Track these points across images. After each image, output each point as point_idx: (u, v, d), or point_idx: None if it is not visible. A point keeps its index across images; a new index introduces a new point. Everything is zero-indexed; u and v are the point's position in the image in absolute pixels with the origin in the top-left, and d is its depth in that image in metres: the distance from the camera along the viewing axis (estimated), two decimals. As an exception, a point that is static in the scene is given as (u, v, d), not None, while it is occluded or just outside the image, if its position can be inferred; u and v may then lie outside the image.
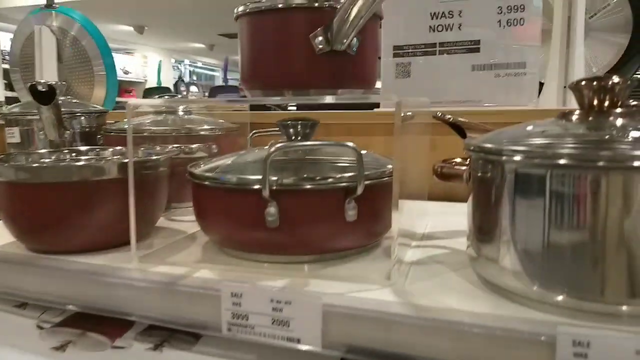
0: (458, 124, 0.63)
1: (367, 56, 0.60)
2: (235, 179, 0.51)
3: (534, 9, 0.85)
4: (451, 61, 0.91)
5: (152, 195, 0.63)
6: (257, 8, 0.58)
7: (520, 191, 0.41)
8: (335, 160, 0.60)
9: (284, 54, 0.57)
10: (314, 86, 0.57)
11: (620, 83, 0.44)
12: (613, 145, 0.40)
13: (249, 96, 0.62)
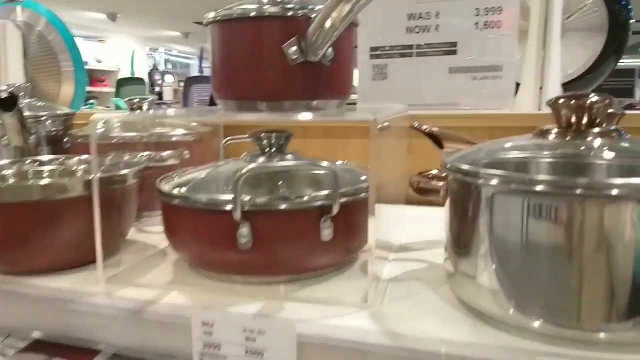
0: (435, 134, 0.62)
1: (342, 66, 0.58)
2: (206, 198, 0.49)
3: (512, 11, 0.84)
4: (428, 63, 0.89)
5: (120, 211, 0.60)
6: (228, 16, 0.55)
7: (496, 214, 0.40)
8: (311, 172, 0.58)
9: (257, 64, 0.55)
10: (288, 97, 0.56)
11: (598, 102, 0.43)
12: (590, 171, 0.40)
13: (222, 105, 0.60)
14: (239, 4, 0.57)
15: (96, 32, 7.91)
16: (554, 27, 0.94)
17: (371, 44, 0.92)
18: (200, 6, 5.45)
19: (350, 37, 0.59)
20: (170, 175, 0.60)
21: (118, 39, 8.48)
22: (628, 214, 0.35)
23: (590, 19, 1.00)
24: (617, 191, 0.34)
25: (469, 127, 0.87)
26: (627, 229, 0.35)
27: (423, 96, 0.91)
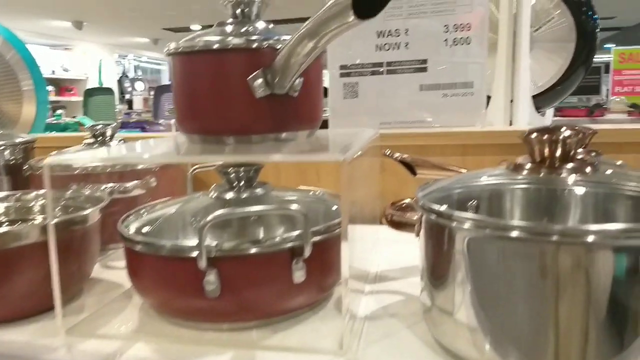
0: (407, 162, 0.61)
1: (312, 95, 0.56)
2: (170, 245, 0.46)
3: (481, 27, 0.84)
4: (399, 80, 0.88)
5: (81, 253, 0.57)
6: (189, 48, 0.53)
7: (470, 257, 0.39)
8: (281, 206, 0.56)
9: (222, 98, 0.53)
10: (256, 131, 0.54)
11: (571, 136, 0.42)
12: (565, 211, 0.39)
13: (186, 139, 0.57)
14: (202, 35, 0.54)
15: (62, 40, 7.73)
16: (523, 40, 0.94)
17: (341, 62, 0.91)
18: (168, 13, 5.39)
19: (319, 66, 0.57)
20: (133, 214, 0.58)
21: (85, 47, 8.30)
22: (603, 259, 0.34)
23: (557, 30, 1.00)
24: (592, 238, 0.33)
25: (442, 145, 0.87)
26: (602, 274, 0.34)
27: (394, 114, 0.90)
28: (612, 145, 0.77)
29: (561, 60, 1.00)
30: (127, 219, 0.57)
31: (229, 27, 0.56)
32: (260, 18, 0.58)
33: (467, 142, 0.84)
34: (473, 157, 0.85)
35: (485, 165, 0.85)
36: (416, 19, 0.85)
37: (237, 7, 0.57)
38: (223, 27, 0.56)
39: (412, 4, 0.85)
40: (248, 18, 0.57)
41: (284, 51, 0.48)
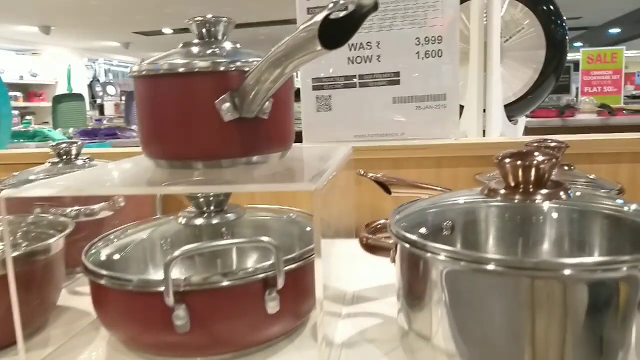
0: (381, 181, 0.60)
1: (282, 117, 0.55)
2: (136, 279, 0.44)
3: (452, 39, 0.84)
4: (372, 93, 0.88)
5: (44, 285, 0.55)
6: (154, 71, 0.51)
7: (445, 287, 0.38)
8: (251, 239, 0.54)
9: (188, 122, 0.51)
10: (225, 155, 0.52)
11: (544, 161, 0.42)
12: (540, 241, 0.38)
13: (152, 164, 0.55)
14: (167, 57, 0.53)
15: (30, 45, 7.55)
16: (494, 51, 0.95)
17: (313, 75, 0.90)
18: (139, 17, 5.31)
19: (289, 85, 0.56)
20: (98, 242, 0.55)
21: (54, 51, 8.11)
22: (578, 293, 0.33)
23: (527, 40, 1.01)
24: (568, 271, 0.33)
25: (417, 158, 0.86)
26: (578, 307, 0.34)
27: (368, 127, 0.89)
28: (584, 156, 0.77)
29: (532, 69, 1.01)
30: (92, 248, 0.54)
31: (195, 48, 0.54)
32: (227, 38, 0.56)
33: (442, 155, 0.84)
34: (448, 169, 0.85)
35: (460, 177, 0.86)
36: (387, 32, 0.85)
37: (203, 27, 0.55)
38: (189, 48, 0.54)
39: (382, 16, 0.84)
40: (215, 38, 0.55)
41: (252, 76, 0.46)
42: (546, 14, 1.00)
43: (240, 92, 0.49)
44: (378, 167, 0.89)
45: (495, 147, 0.83)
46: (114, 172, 0.58)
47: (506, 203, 0.42)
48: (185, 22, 0.57)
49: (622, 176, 0.77)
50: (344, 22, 0.37)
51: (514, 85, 1.02)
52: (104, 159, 0.93)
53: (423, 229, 0.48)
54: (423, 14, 0.83)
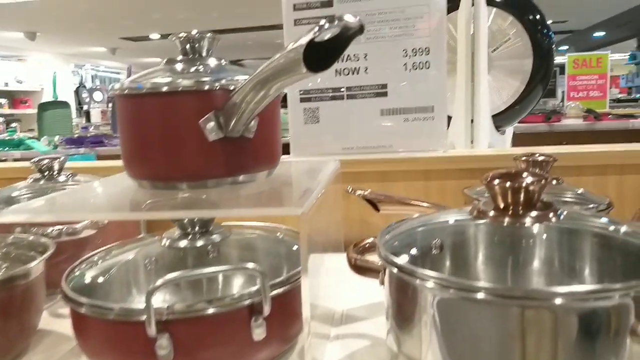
0: (369, 199, 0.59)
1: (269, 135, 0.54)
2: (117, 308, 0.43)
3: (440, 51, 0.83)
4: (360, 106, 0.87)
5: (23, 311, 0.53)
6: (136, 90, 0.50)
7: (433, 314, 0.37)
8: (237, 266, 0.53)
9: (172, 142, 0.50)
10: (210, 176, 0.51)
11: (533, 183, 0.41)
12: (530, 266, 0.38)
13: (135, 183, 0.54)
14: (149, 75, 0.51)
15: (15, 51, 7.47)
16: (481, 61, 0.95)
17: (301, 87, 0.89)
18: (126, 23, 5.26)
19: (276, 103, 0.55)
20: (79, 266, 0.54)
21: (40, 57, 8.03)
22: (570, 321, 0.33)
23: (514, 50, 1.01)
24: (559, 300, 0.32)
25: (405, 171, 0.86)
26: (568, 335, 0.33)
27: (356, 139, 0.88)
28: (572, 168, 0.77)
29: (519, 79, 1.01)
30: (73, 273, 0.53)
31: (179, 66, 0.53)
32: (211, 54, 0.55)
33: (430, 168, 0.84)
34: (436, 181, 0.85)
35: (448, 190, 0.85)
36: (374, 44, 0.84)
37: (187, 43, 0.54)
38: (172, 66, 0.53)
39: (369, 28, 0.83)
40: (199, 54, 0.54)
41: (236, 96, 0.45)
42: (532, 23, 1.00)
43: (225, 111, 0.48)
44: (366, 180, 0.88)
45: (483, 159, 0.83)
46: (95, 194, 0.56)
47: (495, 225, 0.42)
48: (169, 38, 0.56)
49: (610, 188, 0.77)
50: (329, 45, 0.36)
51: (501, 95, 1.02)
52: (88, 173, 0.91)
53: (413, 250, 0.47)
54: (410, 26, 0.82)
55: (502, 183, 0.41)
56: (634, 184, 0.77)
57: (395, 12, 0.82)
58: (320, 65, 0.36)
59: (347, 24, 0.34)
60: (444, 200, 0.84)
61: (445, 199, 0.84)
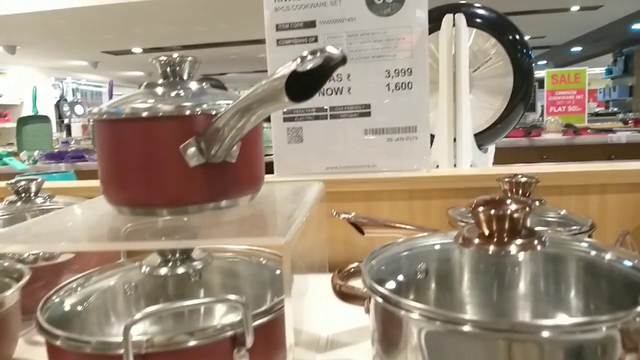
0: (354, 222, 0.59)
1: (251, 160, 0.53)
2: (95, 342, 0.42)
3: (422, 72, 0.84)
4: (343, 125, 0.87)
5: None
6: (115, 115, 0.49)
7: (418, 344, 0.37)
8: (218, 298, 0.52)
9: (152, 168, 0.49)
10: (191, 202, 0.50)
11: (518, 210, 0.41)
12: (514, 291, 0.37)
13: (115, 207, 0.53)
14: (129, 100, 0.51)
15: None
16: (462, 81, 0.95)
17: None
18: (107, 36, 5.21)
19: (259, 127, 0.54)
20: (56, 294, 0.52)
21: (20, 71, 7.94)
22: (555, 354, 0.32)
23: (495, 69, 1.02)
24: (545, 333, 0.32)
25: (389, 191, 0.85)
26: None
27: (340, 159, 0.88)
28: (554, 188, 0.78)
29: (500, 98, 1.02)
30: (48, 302, 0.51)
31: (159, 89, 0.52)
32: (192, 77, 0.55)
33: (414, 187, 0.83)
34: (420, 201, 0.85)
35: (432, 209, 0.85)
36: (358, 64, 0.84)
37: (167, 67, 0.53)
38: (152, 89, 0.52)
39: (352, 49, 0.84)
40: (180, 78, 0.54)
41: (218, 122, 0.45)
42: (512, 43, 1.02)
43: (207, 137, 0.47)
44: (350, 200, 0.88)
45: (466, 179, 0.83)
46: (73, 220, 0.55)
47: (481, 253, 0.41)
48: (150, 60, 0.55)
49: (592, 207, 0.78)
50: (312, 74, 0.36)
51: (483, 115, 1.03)
52: (67, 194, 0.89)
53: (398, 276, 0.46)
54: (392, 47, 0.83)
55: (487, 210, 0.41)
56: (616, 203, 0.78)
57: (377, 34, 0.83)
58: (302, 94, 0.36)
59: (330, 56, 0.34)
60: (429, 219, 0.84)
61: (430, 219, 0.84)
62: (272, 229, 0.49)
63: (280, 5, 0.85)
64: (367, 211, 0.87)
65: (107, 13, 4.28)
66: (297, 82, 0.36)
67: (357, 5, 0.83)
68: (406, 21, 0.82)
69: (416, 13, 0.81)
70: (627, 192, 0.77)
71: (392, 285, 0.46)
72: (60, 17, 4.42)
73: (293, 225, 0.42)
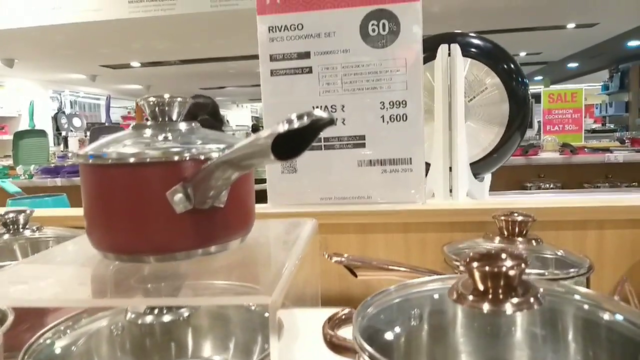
0: (347, 265, 0.58)
1: (241, 204, 0.52)
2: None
3: (416, 104, 0.83)
4: (338, 156, 0.86)
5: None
6: (102, 160, 0.48)
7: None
8: (211, 325, 0.51)
9: (138, 214, 0.47)
10: (179, 248, 0.49)
11: (513, 267, 0.40)
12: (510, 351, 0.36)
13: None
14: (115, 143, 0.49)
15: (-8, 77, 7.38)
16: (458, 111, 0.95)
17: (277, 137, 0.87)
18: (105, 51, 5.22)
19: (249, 172, 0.53)
20: (37, 342, 0.51)
21: (18, 83, 7.95)
22: None
23: (491, 98, 1.02)
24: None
25: (384, 224, 0.84)
26: None
27: (334, 189, 0.87)
28: (551, 223, 0.77)
29: (497, 127, 1.02)
30: (32, 346, 0.50)
31: (147, 132, 0.51)
32: (182, 118, 0.54)
33: (409, 221, 0.82)
34: (416, 234, 0.83)
35: (428, 242, 0.84)
36: (352, 95, 0.83)
37: (156, 107, 0.52)
38: (140, 131, 0.51)
39: (346, 80, 0.83)
40: (169, 119, 0.53)
41: (205, 171, 0.43)
42: (507, 72, 1.01)
43: (194, 183, 0.46)
44: (345, 232, 0.87)
45: (462, 213, 0.82)
46: (55, 267, 0.53)
47: (475, 314, 0.40)
48: (137, 100, 0.54)
49: (589, 244, 0.77)
50: (300, 132, 0.35)
51: (479, 144, 1.02)
52: (56, 224, 0.88)
53: (389, 329, 0.45)
54: (387, 79, 0.82)
55: (481, 267, 0.40)
56: (613, 239, 0.77)
57: (372, 65, 0.82)
58: (289, 151, 0.35)
59: (318, 119, 0.33)
60: (424, 253, 0.83)
61: (426, 253, 0.82)
62: (260, 283, 0.48)
63: (275, 36, 0.84)
64: (362, 244, 0.86)
65: (105, 29, 4.29)
66: (284, 138, 0.35)
67: (351, 37, 0.82)
68: (401, 53, 0.81)
69: (411, 45, 0.81)
70: (625, 227, 0.76)
71: (383, 337, 0.45)
72: (59, 32, 4.43)
73: (280, 281, 0.40)
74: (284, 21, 0.83)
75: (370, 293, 0.47)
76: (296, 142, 0.35)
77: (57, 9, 3.84)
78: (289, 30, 0.83)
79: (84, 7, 3.84)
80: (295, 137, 0.35)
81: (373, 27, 0.81)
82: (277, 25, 0.84)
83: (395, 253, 0.84)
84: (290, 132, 0.33)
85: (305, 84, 0.84)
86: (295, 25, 0.83)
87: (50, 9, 3.79)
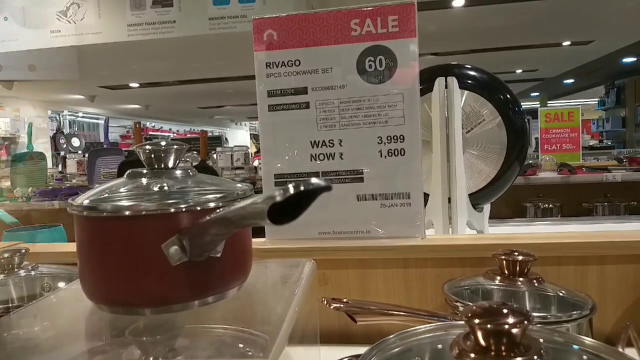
0: (346, 311, 0.57)
1: (238, 254, 0.51)
2: None
3: (414, 139, 0.83)
4: (336, 191, 0.85)
5: None
6: (96, 213, 0.47)
7: None
8: None
9: (133, 266, 0.47)
10: (175, 300, 0.48)
11: (515, 323, 0.39)
12: None
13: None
14: (110, 194, 0.49)
15: (-10, 99, 7.40)
16: (456, 143, 0.95)
17: (275, 172, 0.87)
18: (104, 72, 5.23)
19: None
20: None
21: (16, 104, 7.98)
22: None
23: (489, 129, 1.02)
24: None
25: (383, 259, 0.83)
26: None
27: (333, 224, 0.86)
28: (552, 259, 0.76)
29: (495, 157, 1.01)
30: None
31: (143, 180, 0.50)
32: (178, 165, 0.53)
33: (409, 256, 0.82)
34: (416, 269, 0.82)
35: (428, 278, 0.83)
36: (350, 130, 0.83)
37: (151, 154, 0.52)
38: (136, 180, 0.51)
39: (344, 115, 0.83)
40: (165, 166, 0.52)
41: (200, 228, 0.43)
42: (504, 103, 1.01)
43: (190, 236, 0.45)
44: (344, 267, 0.86)
45: (461, 249, 0.81)
46: (47, 320, 0.52)
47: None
48: (134, 148, 0.54)
49: (591, 279, 0.76)
50: (296, 197, 0.34)
51: (478, 175, 1.02)
52: (53, 260, 0.87)
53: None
54: (384, 114, 0.82)
55: (483, 324, 0.39)
56: (615, 274, 0.76)
57: (369, 100, 0.82)
58: (284, 215, 0.34)
59: (317, 185, 0.33)
60: (424, 289, 0.82)
61: (426, 289, 0.82)
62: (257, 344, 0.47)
63: (272, 72, 0.84)
64: (361, 279, 0.85)
65: (104, 51, 4.32)
66: (279, 206, 0.34)
67: (348, 72, 0.82)
68: (398, 88, 0.81)
69: (408, 80, 0.81)
70: (626, 262, 0.76)
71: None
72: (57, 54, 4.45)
73: (275, 346, 0.40)
74: (281, 57, 0.84)
75: (369, 330, 0.46)
76: (294, 204, 0.35)
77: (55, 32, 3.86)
78: (286, 66, 0.84)
79: (83, 30, 3.86)
80: (293, 200, 0.35)
81: (370, 63, 0.81)
82: (275, 61, 0.84)
83: (395, 288, 0.83)
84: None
85: (303, 119, 0.84)
86: (292, 61, 0.83)
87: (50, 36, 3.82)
